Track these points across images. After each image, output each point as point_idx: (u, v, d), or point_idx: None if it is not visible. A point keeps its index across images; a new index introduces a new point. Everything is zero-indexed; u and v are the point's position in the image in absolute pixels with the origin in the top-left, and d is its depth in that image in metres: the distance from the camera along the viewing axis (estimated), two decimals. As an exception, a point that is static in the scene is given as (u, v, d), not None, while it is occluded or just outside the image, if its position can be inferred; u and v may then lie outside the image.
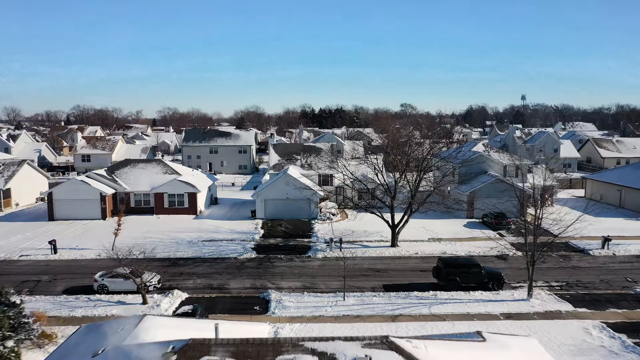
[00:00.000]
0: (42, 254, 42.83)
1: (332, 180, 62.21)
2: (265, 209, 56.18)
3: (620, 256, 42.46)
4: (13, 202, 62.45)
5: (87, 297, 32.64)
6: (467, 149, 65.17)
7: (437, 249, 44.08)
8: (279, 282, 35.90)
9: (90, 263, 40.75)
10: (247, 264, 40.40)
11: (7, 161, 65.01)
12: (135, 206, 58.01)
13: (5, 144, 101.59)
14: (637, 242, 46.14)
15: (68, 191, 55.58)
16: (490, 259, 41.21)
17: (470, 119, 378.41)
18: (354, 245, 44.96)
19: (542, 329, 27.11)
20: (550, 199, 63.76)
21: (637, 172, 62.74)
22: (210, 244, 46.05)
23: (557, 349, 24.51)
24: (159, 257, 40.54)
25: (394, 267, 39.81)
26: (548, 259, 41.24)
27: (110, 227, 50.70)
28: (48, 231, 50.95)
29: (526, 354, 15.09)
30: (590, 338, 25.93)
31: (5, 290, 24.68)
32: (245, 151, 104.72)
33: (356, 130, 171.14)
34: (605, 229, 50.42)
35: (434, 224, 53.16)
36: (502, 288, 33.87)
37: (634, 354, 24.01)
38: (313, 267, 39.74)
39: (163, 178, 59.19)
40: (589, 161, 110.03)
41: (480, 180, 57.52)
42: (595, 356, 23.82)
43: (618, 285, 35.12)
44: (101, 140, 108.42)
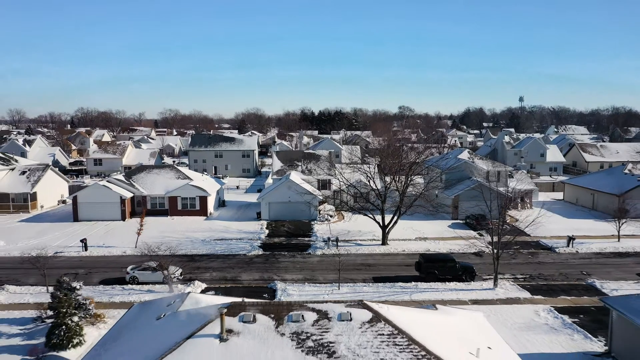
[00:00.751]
0: (75, 251, 48.71)
1: (330, 184, 68.10)
2: (270, 211, 62.05)
3: (582, 253, 48.34)
4: (39, 204, 68.26)
5: (121, 287, 38.50)
6: (453, 156, 71.06)
7: (423, 247, 49.96)
8: (284, 274, 41.77)
9: (118, 259, 46.61)
10: (255, 260, 46.30)
11: (33, 167, 70.82)
12: (151, 208, 63.81)
13: (22, 149, 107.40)
14: (600, 241, 52.04)
15: (91, 195, 61.40)
16: (468, 255, 47.00)
17: (467, 120, 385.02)
18: (349, 244, 50.83)
19: (500, 311, 33.02)
20: (529, 201, 69.75)
21: (608, 178, 68.67)
22: (221, 242, 51.94)
23: (510, 326, 30.41)
24: (178, 254, 46.28)
25: (383, 262, 45.70)
26: (518, 255, 47.32)
27: (129, 227, 56.79)
28: (74, 231, 56.80)
29: (466, 320, 20.97)
30: (538, 318, 31.84)
31: (65, 279, 30.57)
32: (248, 155, 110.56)
33: (354, 134, 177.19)
34: (574, 229, 56.42)
35: (421, 224, 59.08)
36: (473, 279, 39.78)
37: (570, 329, 29.91)
38: (313, 262, 45.62)
39: (176, 183, 65.06)
40: (574, 165, 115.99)
41: (464, 185, 63.38)
42: (539, 331, 29.72)
43: (574, 278, 41.01)
44: (112, 145, 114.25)
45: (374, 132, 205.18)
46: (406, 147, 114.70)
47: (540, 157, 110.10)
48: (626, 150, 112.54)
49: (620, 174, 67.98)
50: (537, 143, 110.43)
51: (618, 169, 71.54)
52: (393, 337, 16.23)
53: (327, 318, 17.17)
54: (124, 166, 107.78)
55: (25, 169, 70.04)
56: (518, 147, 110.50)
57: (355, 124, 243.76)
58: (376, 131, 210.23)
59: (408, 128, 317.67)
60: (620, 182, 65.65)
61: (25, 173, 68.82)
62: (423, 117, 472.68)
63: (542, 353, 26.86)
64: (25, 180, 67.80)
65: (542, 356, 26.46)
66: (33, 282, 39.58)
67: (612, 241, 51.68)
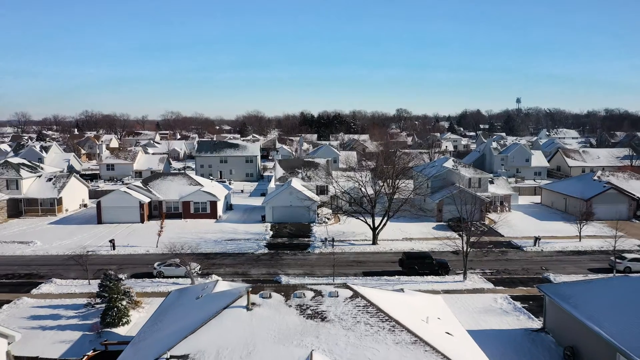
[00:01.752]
0: (104, 250, 55.86)
1: (327, 190, 75.27)
2: (273, 214, 69.20)
3: (545, 252, 55.55)
4: (64, 208, 75.39)
5: (150, 280, 45.65)
6: (439, 164, 78.25)
7: (408, 246, 57.14)
8: (287, 270, 48.94)
9: (142, 257, 53.76)
10: (262, 257, 53.49)
11: (58, 174, 77.97)
12: (166, 212, 70.92)
13: (39, 155, 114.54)
14: (563, 241, 59.27)
15: (113, 200, 68.52)
16: (447, 253, 54.02)
17: (464, 122, 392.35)
18: (343, 244, 58.02)
19: (465, 299, 40.22)
20: (508, 205, 76.97)
21: (579, 184, 75.89)
22: (231, 242, 59.13)
23: (471, 310, 37.58)
24: (195, 252, 53.42)
25: (373, 259, 52.89)
26: (490, 253, 54.60)
27: (148, 229, 64.03)
28: (99, 232, 63.96)
29: (425, 300, 28.11)
30: (495, 304, 39.04)
31: (110, 272, 37.76)
32: (251, 160, 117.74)
33: (352, 138, 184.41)
34: (544, 230, 63.67)
35: (408, 226, 66.29)
36: (447, 273, 46.95)
37: (518, 312, 37.10)
38: (312, 259, 52.80)
39: (189, 189, 72.21)
40: (558, 169, 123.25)
41: (447, 191, 70.53)
42: (493, 314, 36.91)
43: (533, 272, 48.20)
44: (123, 151, 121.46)
45: (371, 135, 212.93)
46: (399, 152, 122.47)
47: (525, 162, 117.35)
48: (606, 156, 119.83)
49: (589, 181, 75.23)
50: (522, 149, 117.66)
51: (589, 175, 78.82)
52: (366, 307, 23.37)
53: (321, 295, 24.34)
54: (135, 171, 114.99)
55: (51, 175, 77.18)
56: (504, 152, 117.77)
57: (353, 128, 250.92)
58: (374, 134, 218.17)
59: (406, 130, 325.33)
60: (588, 187, 72.89)
61: (51, 180, 75.95)
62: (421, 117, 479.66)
63: (492, 329, 34.02)
64: (51, 186, 74.93)
65: (491, 331, 33.61)
66: (74, 276, 46.72)
67: (574, 241, 58.88)
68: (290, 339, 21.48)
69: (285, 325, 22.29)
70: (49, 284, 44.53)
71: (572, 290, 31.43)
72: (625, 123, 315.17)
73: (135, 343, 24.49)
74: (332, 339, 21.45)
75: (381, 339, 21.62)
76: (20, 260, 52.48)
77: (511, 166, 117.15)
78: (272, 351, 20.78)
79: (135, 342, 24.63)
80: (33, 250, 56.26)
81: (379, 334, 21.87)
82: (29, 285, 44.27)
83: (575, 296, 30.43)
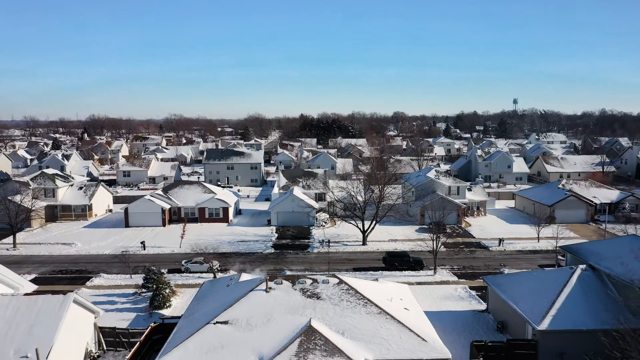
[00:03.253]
0: (136, 249, 66.30)
1: (325, 197, 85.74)
2: (278, 219, 79.62)
3: (507, 251, 66.02)
4: (94, 213, 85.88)
5: (179, 274, 56.06)
6: (423, 173, 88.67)
7: (393, 247, 67.56)
8: (290, 266, 59.39)
9: (169, 256, 64.16)
10: (269, 256, 63.92)
11: (87, 183, 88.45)
12: (184, 217, 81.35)
13: (62, 163, 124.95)
14: (525, 241, 69.68)
15: (139, 206, 78.94)
16: (424, 252, 64.38)
17: (460, 124, 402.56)
18: (338, 244, 68.46)
19: (433, 288, 50.64)
20: (484, 209, 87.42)
21: (546, 191, 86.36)
22: (242, 243, 69.58)
23: (434, 297, 48.00)
24: (213, 252, 63.85)
25: (362, 258, 63.32)
26: (461, 252, 65.07)
27: (170, 232, 74.47)
28: (128, 235, 74.38)
29: (393, 286, 38.55)
30: (455, 292, 49.50)
31: (153, 268, 48.25)
32: (255, 167, 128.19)
33: (349, 143, 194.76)
34: (512, 232, 74.14)
35: (394, 229, 76.72)
36: (422, 269, 57.39)
37: (471, 298, 47.56)
38: (311, 258, 63.24)
39: (204, 196, 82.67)
40: (539, 175, 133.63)
41: (429, 198, 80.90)
42: (451, 299, 47.36)
43: (493, 267, 58.64)
44: (138, 158, 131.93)
45: (368, 139, 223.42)
46: (392, 158, 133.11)
47: (507, 168, 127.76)
48: (581, 162, 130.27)
49: (554, 188, 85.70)
50: (504, 157, 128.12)
51: (555, 183, 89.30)
52: (348, 290, 33.79)
53: (317, 282, 34.77)
54: (149, 177, 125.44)
55: (81, 184, 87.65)
56: (488, 160, 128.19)
57: (351, 131, 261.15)
58: (371, 137, 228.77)
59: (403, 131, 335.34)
60: (553, 194, 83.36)
61: (82, 188, 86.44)
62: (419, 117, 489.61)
63: (448, 311, 44.47)
64: (83, 194, 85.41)
65: (448, 312, 44.04)
66: (116, 272, 57.15)
67: (533, 242, 69.30)
68: (296, 311, 31.90)
69: (292, 302, 32.73)
70: (98, 278, 55.03)
71: (505, 280, 41.94)
72: (616, 125, 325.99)
73: (186, 316, 34.90)
74: (324, 311, 31.89)
75: (357, 310, 32.09)
76: (69, 259, 62.94)
77: (495, 172, 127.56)
78: (283, 319, 31.20)
79: (186, 316, 35.03)
80: (76, 250, 66.76)
81: (355, 307, 32.34)
82: (82, 279, 54.78)
83: (507, 285, 40.90)
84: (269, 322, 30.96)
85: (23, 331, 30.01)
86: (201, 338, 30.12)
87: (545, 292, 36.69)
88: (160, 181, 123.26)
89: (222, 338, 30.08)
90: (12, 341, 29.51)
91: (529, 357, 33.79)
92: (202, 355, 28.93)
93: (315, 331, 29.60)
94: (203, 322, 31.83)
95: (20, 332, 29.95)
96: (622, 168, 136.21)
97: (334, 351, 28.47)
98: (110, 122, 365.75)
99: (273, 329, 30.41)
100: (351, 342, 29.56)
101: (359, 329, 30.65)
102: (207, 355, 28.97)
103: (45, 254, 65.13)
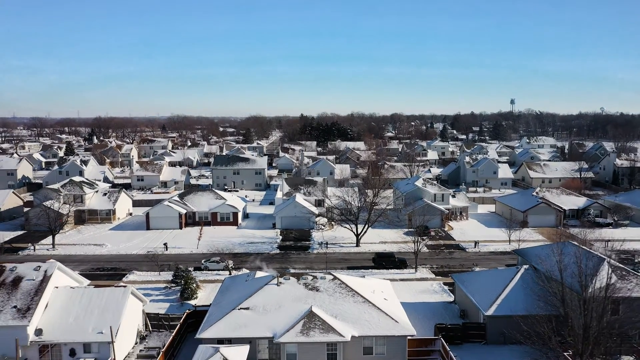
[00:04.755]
0: (159, 250, 76.33)
1: (323, 203, 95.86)
2: (282, 222, 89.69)
3: (482, 252, 76.15)
4: (117, 216, 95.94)
5: (200, 272, 66.09)
6: (412, 182, 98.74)
7: (382, 248, 77.63)
8: (294, 265, 69.46)
9: (188, 256, 74.18)
10: (275, 256, 74.00)
11: (110, 190, 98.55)
12: (198, 220, 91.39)
13: (80, 168, 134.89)
14: (498, 244, 79.72)
15: (158, 211, 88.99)
16: (409, 253, 74.42)
17: (457, 125, 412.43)
18: (335, 246, 78.56)
19: (413, 284, 60.78)
20: (466, 214, 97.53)
21: (522, 198, 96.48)
22: (251, 244, 79.67)
23: (413, 291, 58.11)
24: (227, 253, 73.86)
25: (355, 258, 73.42)
26: (441, 253, 75.20)
27: (187, 234, 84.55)
28: (150, 237, 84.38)
29: (376, 282, 48.63)
30: (431, 287, 59.64)
31: (180, 266, 58.38)
32: (260, 172, 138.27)
33: (347, 147, 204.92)
34: (488, 235, 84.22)
35: (385, 232, 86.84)
36: (405, 267, 67.51)
37: (444, 292, 57.71)
38: (311, 258, 73.33)
39: (216, 202, 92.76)
40: (523, 180, 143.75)
41: (417, 204, 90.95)
42: (427, 293, 57.49)
43: (467, 267, 68.71)
44: (151, 164, 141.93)
45: (366, 142, 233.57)
46: (387, 164, 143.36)
47: (493, 174, 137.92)
48: (561, 169, 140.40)
49: (529, 195, 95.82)
50: (490, 163, 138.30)
51: (530, 191, 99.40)
52: (340, 284, 43.87)
53: (316, 278, 44.88)
54: (161, 181, 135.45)
55: (106, 191, 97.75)
56: (475, 166, 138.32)
57: (350, 134, 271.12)
58: (369, 139, 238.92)
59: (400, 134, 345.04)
60: (527, 201, 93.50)
61: (107, 194, 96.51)
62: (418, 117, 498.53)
63: (423, 302, 54.54)
64: (107, 199, 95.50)
65: (423, 303, 54.06)
66: (146, 269, 67.21)
67: (505, 244, 79.37)
68: (300, 300, 41.98)
69: (297, 293, 42.82)
70: (131, 274, 65.15)
71: (468, 278, 52.09)
72: (609, 127, 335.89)
73: (215, 304, 44.98)
74: (322, 300, 41.99)
75: (347, 300, 42.20)
76: (102, 258, 73.05)
77: (481, 177, 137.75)
78: (291, 306, 41.27)
79: (215, 304, 45.11)
80: (107, 250, 76.88)
81: (345, 297, 42.46)
82: (118, 276, 64.85)
83: (469, 281, 51.02)
84: (280, 308, 41.09)
85: (97, 314, 40.14)
86: (229, 319, 40.28)
87: (495, 287, 46.81)
88: (171, 185, 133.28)
89: (245, 320, 40.25)
90: (90, 321, 39.64)
91: (480, 336, 43.99)
92: (231, 331, 39.10)
93: (315, 315, 39.74)
94: (230, 308, 41.95)
95: (94, 315, 40.07)
96: (600, 174, 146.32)
97: (329, 329, 38.63)
98: (115, 122, 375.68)
99: (283, 313, 40.55)
100: (342, 323, 39.71)
101: (348, 313, 40.79)
102: (235, 331, 39.14)
103: (81, 254, 75.20)
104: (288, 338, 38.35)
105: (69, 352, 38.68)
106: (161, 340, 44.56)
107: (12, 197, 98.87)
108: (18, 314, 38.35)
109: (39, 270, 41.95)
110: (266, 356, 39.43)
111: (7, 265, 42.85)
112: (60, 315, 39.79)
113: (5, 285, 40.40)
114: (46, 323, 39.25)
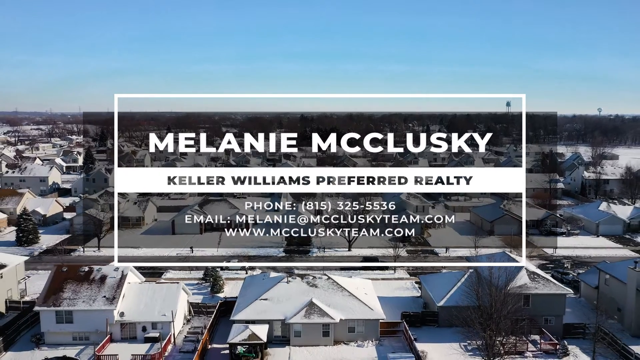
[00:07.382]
0: (186, 252, 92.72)
1: (322, 212, 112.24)
2: (286, 229, 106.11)
3: (452, 256, 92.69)
4: (145, 222, 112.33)
5: (222, 271, 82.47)
6: (397, 194, 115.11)
7: (370, 252, 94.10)
8: (297, 265, 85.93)
9: (211, 257, 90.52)
10: (282, 259, 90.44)
11: (139, 199, 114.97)
12: (215, 227, 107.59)
13: (105, 176, 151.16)
14: (465, 250, 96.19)
15: (182, 218, 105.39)
16: (391, 257, 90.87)
17: (452, 127, 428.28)
18: (331, 250, 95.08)
19: (391, 282, 77.28)
20: (443, 223, 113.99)
21: (491, 209, 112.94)
22: (262, 248, 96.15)
23: (390, 288, 74.63)
24: (242, 255, 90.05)
25: (347, 260, 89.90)
26: (418, 257, 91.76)
27: (206, 238, 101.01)
28: (176, 241, 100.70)
29: (360, 281, 65.08)
30: (405, 285, 76.22)
31: (210, 266, 74.94)
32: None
33: (345, 153, 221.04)
34: (459, 242, 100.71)
35: (373, 238, 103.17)
36: (387, 269, 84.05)
37: (414, 289, 74.27)
38: (311, 260, 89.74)
39: (230, 211, 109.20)
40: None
41: (400, 215, 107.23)
42: (401, 290, 74.05)
43: (437, 269, 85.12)
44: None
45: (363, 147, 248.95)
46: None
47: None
48: (534, 180, 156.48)
49: (497, 207, 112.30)
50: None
51: (498, 203, 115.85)
52: (333, 282, 60.23)
53: (315, 278, 61.32)
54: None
55: (135, 200, 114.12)
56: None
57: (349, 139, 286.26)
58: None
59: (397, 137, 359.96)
60: (494, 212, 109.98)
61: (136, 203, 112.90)
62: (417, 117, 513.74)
63: (397, 296, 71.01)
64: (137, 207, 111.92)
65: (396, 297, 70.50)
66: (179, 268, 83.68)
67: (472, 249, 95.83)
68: (303, 294, 58.42)
69: (301, 289, 59.29)
70: (168, 273, 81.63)
71: (431, 278, 68.62)
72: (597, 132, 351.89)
73: (241, 296, 61.38)
74: (319, 294, 58.45)
75: (337, 294, 58.68)
76: (140, 259, 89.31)
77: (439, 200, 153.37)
78: (297, 298, 57.73)
79: (241, 296, 61.51)
80: (143, 252, 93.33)
81: (336, 292, 58.94)
82: (157, 274, 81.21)
83: (431, 281, 67.52)
84: (290, 299, 57.63)
85: (159, 302, 56.60)
86: (254, 307, 56.80)
87: (448, 285, 63.27)
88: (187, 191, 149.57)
89: (265, 307, 56.78)
90: (155, 307, 56.10)
91: (434, 321, 60.60)
92: (255, 315, 55.66)
93: (314, 304, 56.29)
94: (253, 299, 58.47)
95: (158, 303, 56.53)
96: (571, 184, 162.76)
97: (324, 314, 55.21)
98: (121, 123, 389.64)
99: (292, 303, 57.08)
100: (333, 310, 56.24)
101: (337, 303, 57.31)
102: (258, 315, 55.71)
103: (122, 255, 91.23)
104: (295, 320, 54.91)
105: (142, 328, 55.18)
106: (202, 322, 61.05)
107: (55, 204, 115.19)
108: (107, 302, 54.83)
109: (117, 271, 58.36)
110: (279, 333, 55.98)
111: (94, 267, 59.28)
112: (134, 302, 56.26)
113: (95, 281, 56.85)
114: (125, 308, 55.71)
